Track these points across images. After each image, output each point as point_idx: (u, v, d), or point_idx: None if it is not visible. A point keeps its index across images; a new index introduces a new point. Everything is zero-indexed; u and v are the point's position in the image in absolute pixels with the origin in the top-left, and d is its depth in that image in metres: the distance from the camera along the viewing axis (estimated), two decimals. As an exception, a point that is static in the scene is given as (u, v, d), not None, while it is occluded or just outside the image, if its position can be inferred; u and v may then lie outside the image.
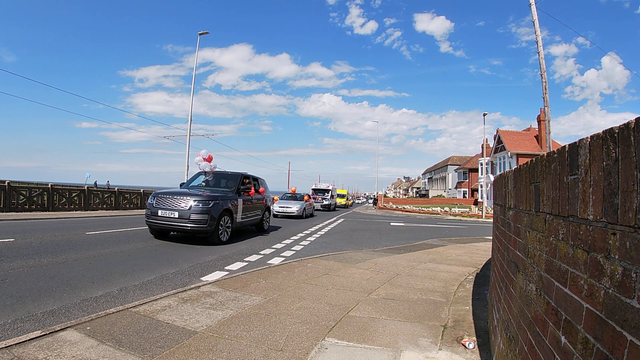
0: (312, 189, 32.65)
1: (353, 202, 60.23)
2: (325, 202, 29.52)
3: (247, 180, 9.66)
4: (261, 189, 10.27)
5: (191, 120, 23.12)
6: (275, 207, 17.21)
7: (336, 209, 34.06)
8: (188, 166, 23.13)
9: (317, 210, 27.26)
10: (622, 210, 0.79)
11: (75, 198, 16.11)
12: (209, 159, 9.69)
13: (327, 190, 32.46)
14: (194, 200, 7.45)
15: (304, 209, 18.18)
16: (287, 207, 17.58)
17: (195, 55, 22.82)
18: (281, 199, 20.00)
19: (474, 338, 2.91)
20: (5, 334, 2.74)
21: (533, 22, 11.23)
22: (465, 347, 2.73)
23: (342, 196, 41.92)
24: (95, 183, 32.64)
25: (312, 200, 21.77)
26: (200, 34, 22.52)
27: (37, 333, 2.55)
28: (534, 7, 11.18)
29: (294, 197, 20.31)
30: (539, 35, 11.13)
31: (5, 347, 2.31)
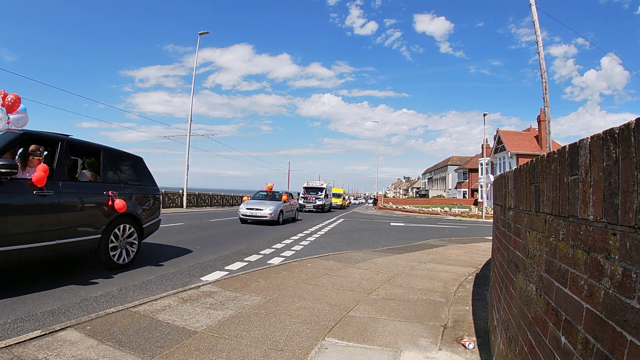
0: (304, 187, 28.94)
1: (350, 203, 54.32)
2: (318, 202, 26.32)
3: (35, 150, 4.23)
4: (136, 198, 5.42)
5: (191, 120, 23.16)
6: (242, 210, 13.57)
7: (331, 209, 31.24)
8: (188, 166, 23.17)
9: (309, 212, 24.92)
10: (622, 210, 0.79)
11: (75, 198, 16.01)
12: (10, 106, 4.56)
13: (320, 189, 28.43)
14: None
15: (281, 211, 13.85)
16: (256, 210, 13.26)
17: (195, 55, 22.86)
18: (253, 198, 15.50)
19: (474, 338, 2.91)
20: (5, 333, 2.74)
21: (533, 22, 11.23)
22: (465, 347, 2.73)
23: (337, 195, 38.14)
24: None
25: (294, 200, 17.23)
26: (200, 34, 22.55)
27: (37, 333, 2.55)
28: (534, 8, 11.18)
29: (272, 195, 15.46)
30: (539, 36, 11.13)
31: (5, 346, 2.31)
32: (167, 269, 5.25)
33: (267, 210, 13.20)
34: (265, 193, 15.79)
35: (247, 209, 13.50)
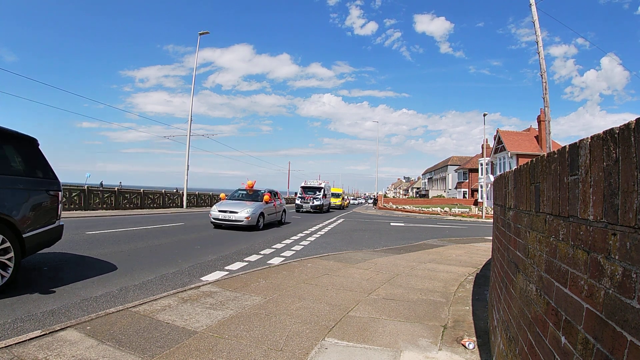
0: (301, 187, 27.64)
1: (349, 203, 51.99)
2: (316, 202, 25.07)
3: None
4: (13, 194, 3.89)
5: (191, 120, 23.17)
6: (213, 213, 11.23)
7: (330, 210, 29.99)
8: (188, 166, 23.17)
9: (306, 212, 23.97)
10: (622, 210, 0.79)
11: (75, 197, 16.11)
12: None
13: (318, 189, 27.04)
14: None
15: (261, 214, 11.51)
16: (230, 213, 10.90)
17: (195, 56, 22.87)
18: (230, 197, 12.92)
19: (474, 338, 2.91)
20: (5, 333, 2.74)
21: (533, 22, 11.22)
22: (465, 347, 2.73)
23: (336, 195, 36.82)
24: (101, 184, 32.32)
25: (279, 200, 14.24)
26: (200, 34, 22.56)
27: (37, 333, 2.55)
28: (534, 8, 11.18)
29: (252, 195, 12.80)
30: (539, 36, 11.13)
31: (5, 346, 2.31)
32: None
33: (243, 212, 10.81)
34: (244, 192, 13.15)
35: (220, 211, 11.07)
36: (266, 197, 12.35)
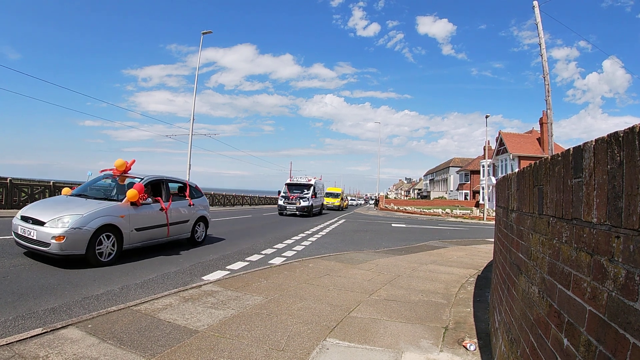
0: (286, 184, 21.88)
1: (348, 204, 46.34)
2: (303, 203, 19.62)
3: None
4: None
5: (193, 120, 23.16)
6: (15, 221, 5.28)
7: (323, 212, 24.73)
8: (190, 165, 23.20)
9: (291, 215, 19.05)
10: (626, 213, 0.79)
11: (77, 196, 16.13)
12: None
13: (307, 186, 21.25)
14: None
15: (103, 229, 5.17)
16: (33, 225, 4.96)
17: (198, 55, 22.89)
18: (78, 191, 6.40)
19: (475, 340, 2.91)
20: (6, 331, 2.75)
21: (536, 24, 11.20)
22: (467, 349, 2.73)
23: (334, 195, 32.34)
24: None
25: (189, 201, 7.46)
26: (203, 34, 22.58)
27: (38, 330, 2.56)
28: (537, 10, 11.16)
29: (122, 187, 6.36)
30: (542, 38, 11.11)
31: (6, 344, 2.32)
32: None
33: (54, 226, 4.88)
34: (109, 182, 6.84)
35: (23, 218, 5.26)
36: (132, 193, 5.83)
